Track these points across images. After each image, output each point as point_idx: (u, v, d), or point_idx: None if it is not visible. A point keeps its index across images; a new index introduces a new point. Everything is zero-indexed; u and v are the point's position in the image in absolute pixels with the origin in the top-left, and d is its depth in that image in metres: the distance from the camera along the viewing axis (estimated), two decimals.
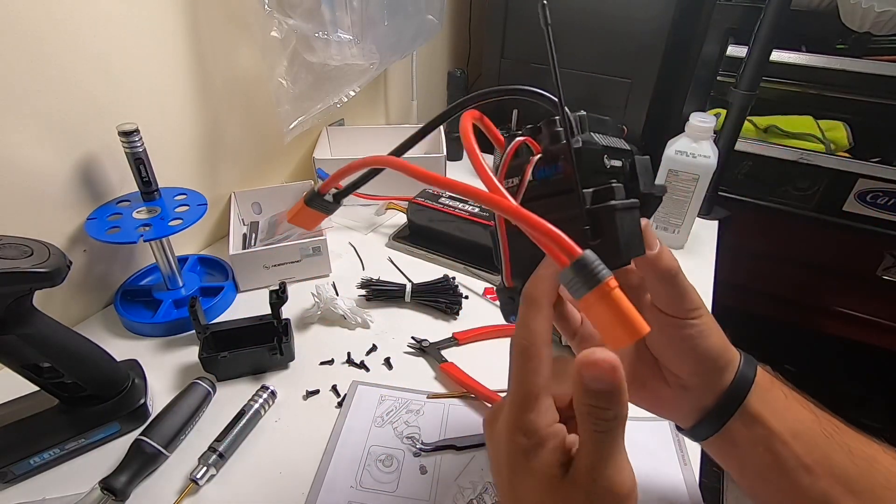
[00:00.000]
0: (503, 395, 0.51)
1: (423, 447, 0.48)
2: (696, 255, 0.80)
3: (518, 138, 0.29)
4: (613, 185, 0.26)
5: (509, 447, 0.26)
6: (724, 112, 0.83)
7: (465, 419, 0.51)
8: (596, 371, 0.23)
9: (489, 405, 0.53)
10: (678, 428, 0.37)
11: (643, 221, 0.28)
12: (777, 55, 0.90)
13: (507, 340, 0.68)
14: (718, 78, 1.03)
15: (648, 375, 0.36)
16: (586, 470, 0.24)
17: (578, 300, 0.21)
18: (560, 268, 0.22)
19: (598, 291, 0.21)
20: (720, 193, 0.92)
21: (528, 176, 0.28)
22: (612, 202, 0.25)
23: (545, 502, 0.25)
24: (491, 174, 0.24)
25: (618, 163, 0.28)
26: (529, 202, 0.28)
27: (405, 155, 0.28)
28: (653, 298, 0.33)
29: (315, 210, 0.31)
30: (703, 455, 0.47)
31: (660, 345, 0.34)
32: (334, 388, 0.55)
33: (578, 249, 0.21)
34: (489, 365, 0.58)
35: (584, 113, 0.29)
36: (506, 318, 0.31)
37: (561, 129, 0.27)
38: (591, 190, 0.26)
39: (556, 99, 0.26)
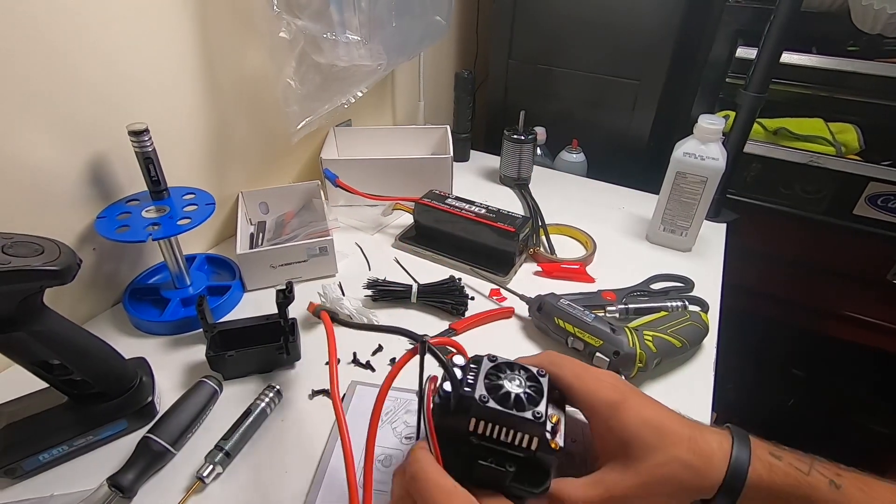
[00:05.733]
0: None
1: None
2: (704, 258, 0.79)
3: (433, 376, 0.38)
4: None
5: None
6: (732, 114, 0.83)
7: None
8: None
9: None
10: None
11: None
12: (787, 57, 0.89)
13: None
14: (727, 80, 1.02)
15: None
16: None
17: None
18: None
19: None
20: (728, 196, 0.92)
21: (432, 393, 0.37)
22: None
23: None
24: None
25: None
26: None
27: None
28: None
29: None
30: None
31: None
32: None
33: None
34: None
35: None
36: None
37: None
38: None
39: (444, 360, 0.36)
